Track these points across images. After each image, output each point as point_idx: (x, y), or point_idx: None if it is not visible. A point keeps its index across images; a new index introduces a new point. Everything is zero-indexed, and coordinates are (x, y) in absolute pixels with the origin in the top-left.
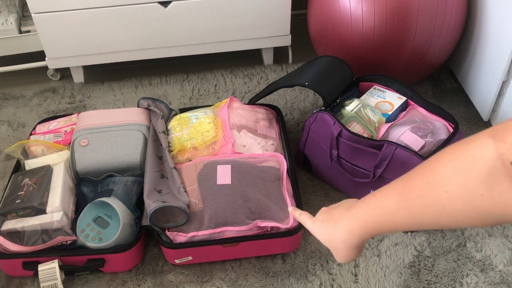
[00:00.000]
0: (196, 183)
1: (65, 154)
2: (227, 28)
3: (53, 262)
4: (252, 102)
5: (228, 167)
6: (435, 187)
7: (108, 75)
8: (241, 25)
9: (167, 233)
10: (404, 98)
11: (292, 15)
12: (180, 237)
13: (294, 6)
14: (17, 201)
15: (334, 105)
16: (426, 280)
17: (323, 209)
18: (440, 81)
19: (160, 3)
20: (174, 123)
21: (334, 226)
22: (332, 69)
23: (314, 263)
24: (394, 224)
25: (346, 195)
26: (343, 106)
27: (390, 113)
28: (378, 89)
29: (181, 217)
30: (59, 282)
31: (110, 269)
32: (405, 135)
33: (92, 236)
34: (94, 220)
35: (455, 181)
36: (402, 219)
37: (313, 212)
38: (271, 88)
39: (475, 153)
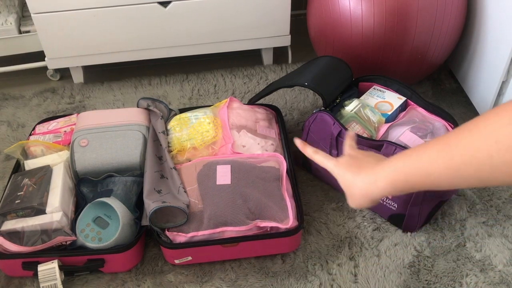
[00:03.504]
0: (196, 183)
1: (65, 154)
2: (227, 28)
3: (52, 263)
4: (252, 102)
5: (228, 167)
6: (486, 137)
7: (108, 75)
8: (241, 25)
9: (167, 233)
10: (404, 98)
11: (292, 15)
12: (180, 237)
13: (293, 6)
14: (16, 201)
15: (333, 105)
16: (426, 280)
17: (350, 153)
18: (439, 81)
19: (160, 3)
20: (173, 123)
21: (357, 174)
22: (331, 69)
23: (314, 263)
24: (427, 177)
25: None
26: (342, 106)
27: (389, 113)
28: (377, 89)
29: (181, 217)
30: (58, 282)
31: (109, 269)
32: (405, 135)
33: (91, 236)
34: (93, 220)
35: (508, 131)
36: (438, 172)
37: (313, 211)
38: (271, 88)
39: None
